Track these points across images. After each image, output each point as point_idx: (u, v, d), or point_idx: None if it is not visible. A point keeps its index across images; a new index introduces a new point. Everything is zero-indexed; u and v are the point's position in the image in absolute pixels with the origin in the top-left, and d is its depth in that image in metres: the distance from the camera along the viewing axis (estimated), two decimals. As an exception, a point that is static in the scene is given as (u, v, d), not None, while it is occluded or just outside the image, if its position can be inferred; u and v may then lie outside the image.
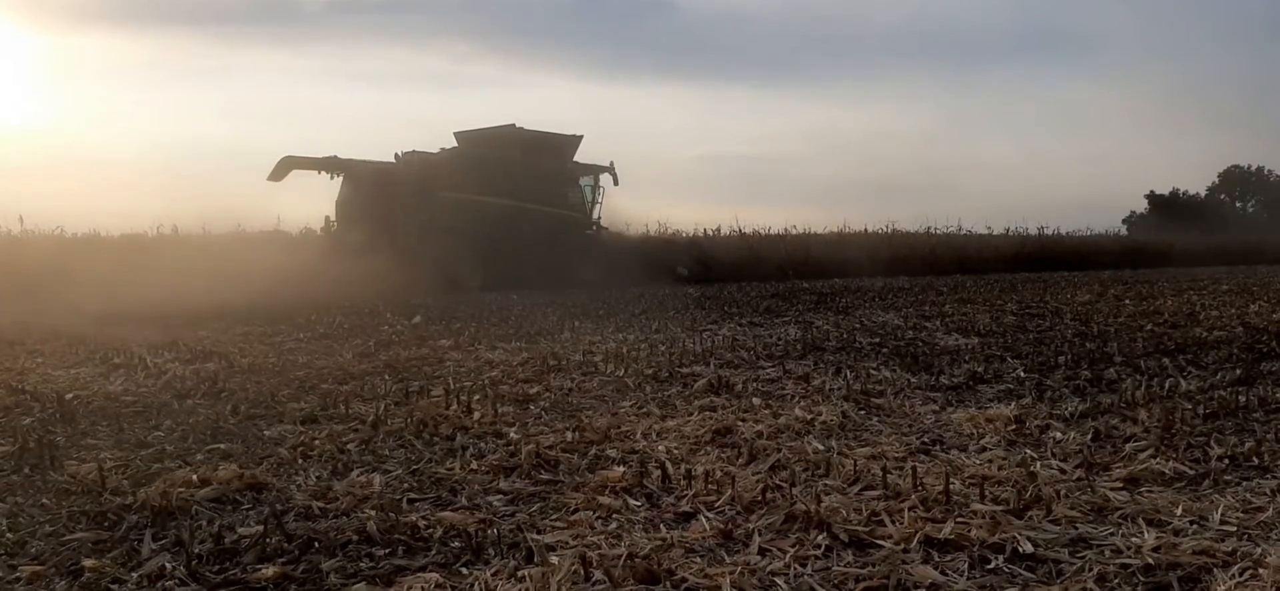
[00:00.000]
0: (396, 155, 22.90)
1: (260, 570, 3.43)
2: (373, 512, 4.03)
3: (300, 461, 5.03)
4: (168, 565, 3.47)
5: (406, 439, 5.50)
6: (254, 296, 16.32)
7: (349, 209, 22.19)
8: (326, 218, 22.82)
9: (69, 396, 6.87)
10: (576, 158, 24.25)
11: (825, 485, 4.41)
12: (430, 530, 3.82)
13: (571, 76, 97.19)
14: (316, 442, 5.40)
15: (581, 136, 23.90)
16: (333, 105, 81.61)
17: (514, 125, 22.80)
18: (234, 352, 9.50)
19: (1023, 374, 7.72)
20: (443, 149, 23.17)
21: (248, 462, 4.96)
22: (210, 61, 75.60)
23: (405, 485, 4.54)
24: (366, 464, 4.96)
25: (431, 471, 4.78)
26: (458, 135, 23.30)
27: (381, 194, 21.67)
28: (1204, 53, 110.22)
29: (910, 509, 3.97)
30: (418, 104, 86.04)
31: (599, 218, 24.80)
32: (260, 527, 3.80)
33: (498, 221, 22.03)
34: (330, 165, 22.12)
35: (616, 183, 24.64)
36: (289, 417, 6.18)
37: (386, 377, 7.93)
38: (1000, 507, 3.98)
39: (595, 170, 24.52)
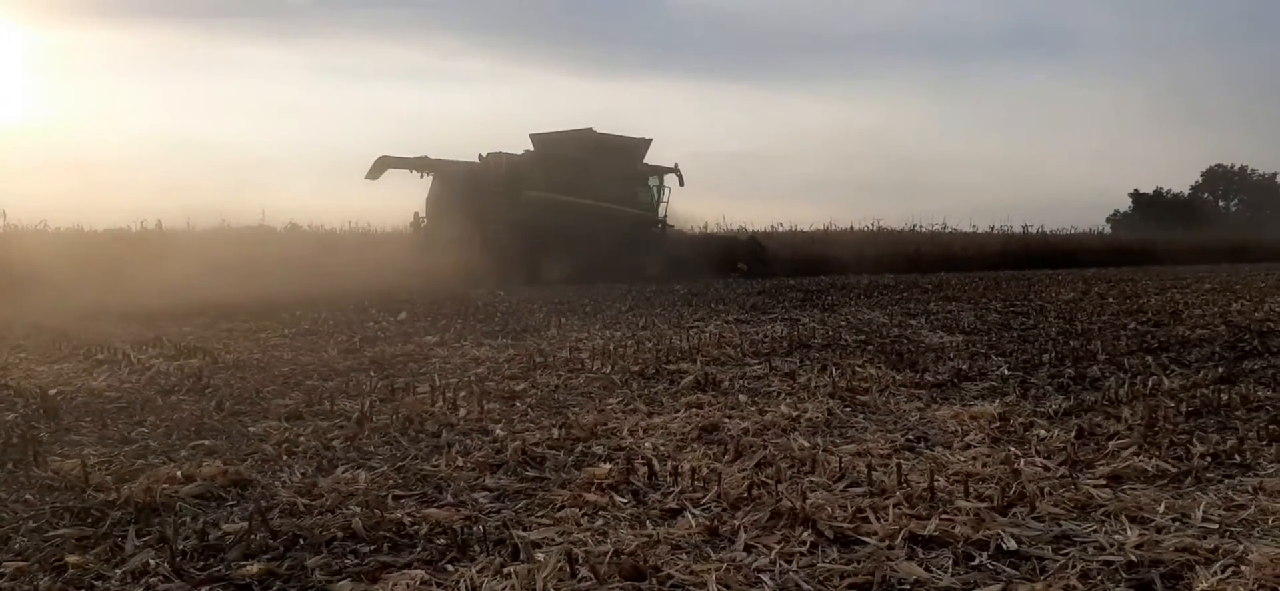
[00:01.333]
0: (480, 156, 24.09)
1: (245, 567, 3.42)
2: (358, 509, 4.02)
3: (285, 458, 5.01)
4: (151, 561, 3.45)
5: (392, 435, 5.48)
6: (239, 292, 16.26)
7: (439, 206, 23.49)
8: (415, 214, 24.20)
9: (52, 392, 6.82)
10: (645, 160, 25.65)
11: (811, 482, 4.42)
12: (416, 527, 3.81)
13: (561, 72, 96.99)
14: (301, 439, 5.38)
15: (650, 140, 25.24)
16: (319, 99, 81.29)
17: (591, 129, 24.19)
18: (218, 348, 9.46)
19: (1007, 371, 7.76)
20: (526, 151, 24.50)
21: (232, 459, 4.94)
22: (196, 56, 75.01)
23: (390, 482, 4.53)
24: (351, 460, 4.95)
25: (417, 468, 4.77)
26: (534, 137, 24.64)
27: (471, 192, 22.92)
28: (1188, 52, 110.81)
29: (895, 505, 3.98)
30: (405, 98, 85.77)
31: (665, 216, 26.15)
32: (245, 524, 3.79)
33: (577, 219, 23.30)
34: (422, 165, 23.40)
35: (682, 183, 25.88)
36: (273, 414, 6.16)
37: (372, 374, 7.90)
38: (984, 504, 4.00)
39: (661, 171, 25.85)
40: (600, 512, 4.02)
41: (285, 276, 18.20)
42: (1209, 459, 4.79)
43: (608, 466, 4.67)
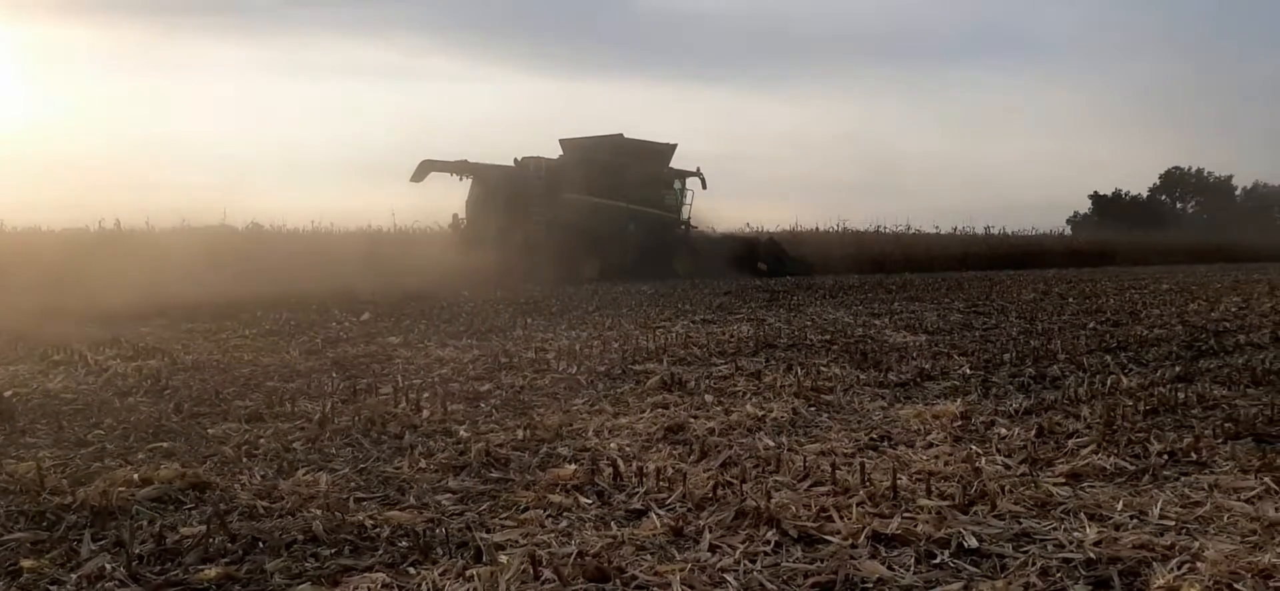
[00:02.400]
0: (515, 160, 25.22)
1: (202, 571, 3.37)
2: (319, 512, 3.98)
3: (244, 460, 4.95)
4: (107, 566, 3.39)
5: (354, 437, 5.44)
6: (204, 293, 16.09)
7: (479, 207, 24.68)
8: (454, 215, 25.45)
9: (7, 393, 6.71)
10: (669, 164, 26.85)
11: (775, 481, 4.44)
12: (377, 529, 3.78)
13: (530, 71, 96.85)
14: (261, 441, 5.32)
15: (675, 145, 26.62)
16: (283, 98, 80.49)
17: (621, 135, 25.56)
18: (178, 350, 9.34)
19: (969, 371, 7.83)
20: (560, 156, 25.81)
21: (190, 461, 4.87)
22: (157, 54, 74.11)
23: (352, 484, 4.49)
24: (313, 462, 4.90)
25: (379, 470, 4.73)
26: (565, 142, 25.97)
27: (511, 195, 24.18)
28: (1147, 55, 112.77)
29: (858, 504, 4.00)
30: (372, 97, 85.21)
31: (689, 217, 27.33)
32: (203, 527, 3.74)
33: (610, 219, 24.89)
34: (462, 169, 24.50)
35: (705, 187, 27.07)
36: (233, 415, 6.09)
37: (334, 375, 7.84)
38: (946, 503, 4.03)
39: (685, 175, 27.03)
40: (564, 514, 4.01)
41: (247, 276, 18.03)
42: (1166, 457, 4.86)
43: (572, 467, 4.65)
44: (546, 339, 10.32)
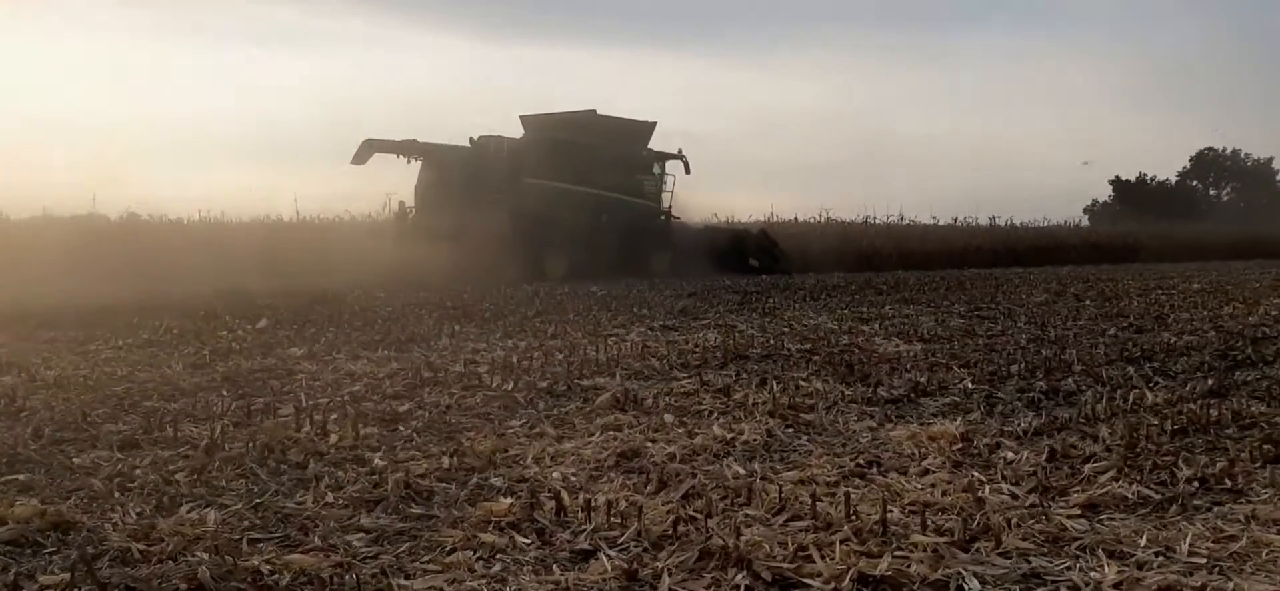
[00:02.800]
0: (471, 140, 25.44)
1: (65, 628, 3.32)
2: (206, 556, 3.93)
3: (117, 495, 4.88)
4: (-51, 624, 3.33)
5: (248, 467, 5.38)
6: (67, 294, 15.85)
7: (430, 194, 24.82)
8: (401, 203, 25.64)
9: None
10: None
11: (746, 515, 4.45)
12: (275, 576, 3.75)
13: (456, 33, 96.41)
14: (138, 472, 5.25)
15: (655, 123, 26.95)
16: (169, 66, 79.31)
17: (594, 111, 25.70)
18: (36, 364, 9.19)
19: (971, 385, 7.92)
20: (523, 135, 25.91)
21: (52, 496, 4.79)
22: (22, 15, 72.69)
23: (246, 522, 4.44)
24: (198, 497, 4.84)
25: (278, 505, 4.69)
26: (526, 119, 26.07)
27: (469, 180, 24.23)
28: (1176, 22, 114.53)
29: (842, 541, 4.03)
30: (273, 66, 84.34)
31: (670, 207, 27.74)
32: (66, 575, 3.68)
33: (582, 209, 24.98)
34: (410, 149, 24.69)
35: (688, 171, 27.50)
36: (104, 442, 6.00)
37: (224, 393, 7.75)
38: (944, 539, 4.07)
39: (665, 158, 27.48)
40: (498, 556, 4.00)
41: (122, 276, 17.81)
42: (1196, 484, 4.94)
43: (508, 501, 4.64)
44: (478, 349, 10.29)
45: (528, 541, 4.16)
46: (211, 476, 5.22)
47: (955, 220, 44.27)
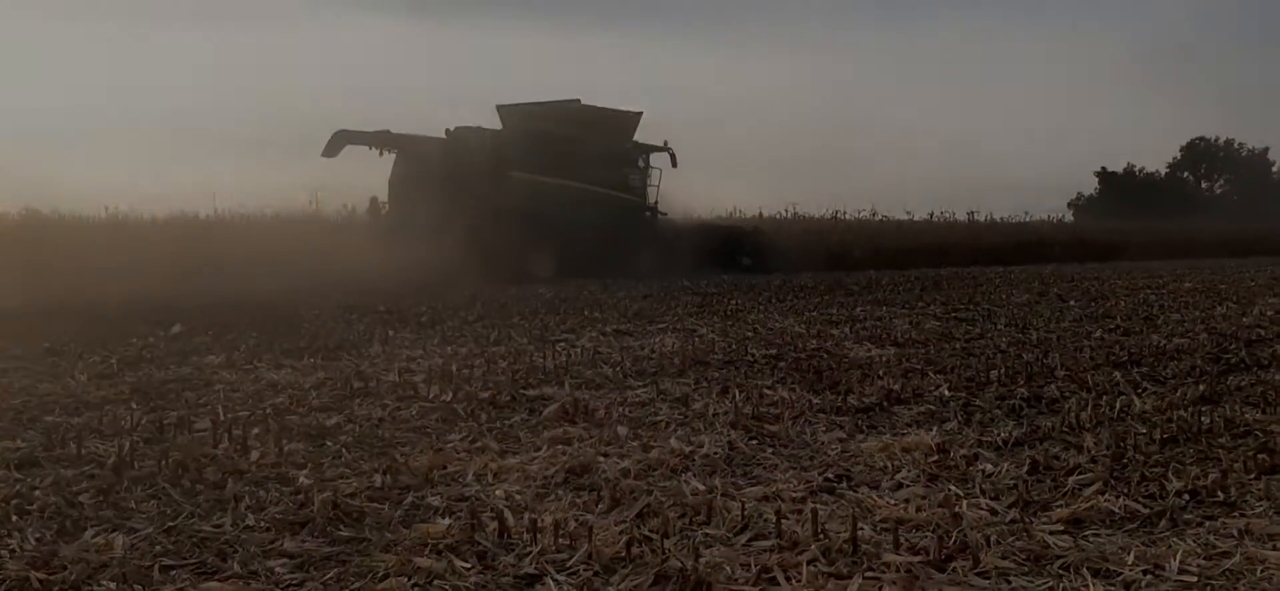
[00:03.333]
0: (447, 131, 25.90)
1: (-45, 666, 3.27)
2: (113, 584, 3.90)
3: (15, 518, 4.82)
4: None
5: (160, 486, 5.33)
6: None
7: (406, 189, 25.07)
8: (373, 198, 25.87)
9: None
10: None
11: (706, 535, 4.46)
12: (190, 606, 3.71)
13: (375, 8, 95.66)
14: (37, 494, 5.18)
15: (641, 113, 27.45)
16: (73, 45, 78.21)
17: (577, 101, 26.23)
18: (-76, 375, 9.05)
19: (947, 392, 7.98)
20: (503, 127, 26.43)
21: (-60, 522, 4.73)
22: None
23: (157, 547, 4.39)
24: (105, 520, 4.79)
25: (193, 529, 4.65)
26: (505, 109, 26.57)
27: (449, 174, 24.28)
28: (1164, 5, 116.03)
29: (810, 562, 4.05)
30: (188, 44, 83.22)
31: (656, 202, 28.40)
32: (-44, 609, 3.63)
33: (568, 205, 25.13)
34: (383, 141, 24.94)
35: (675, 164, 28.19)
36: (0, 460, 5.93)
37: (134, 406, 7.67)
38: (918, 558, 4.10)
39: (650, 149, 28.08)
40: (435, 582, 3.99)
41: (20, 277, 17.59)
42: (1187, 496, 5.01)
43: (446, 522, 4.63)
44: (413, 357, 10.24)
45: (468, 566, 4.15)
46: (119, 497, 5.16)
47: (932, 215, 44.76)
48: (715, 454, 5.98)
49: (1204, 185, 77.75)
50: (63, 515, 4.87)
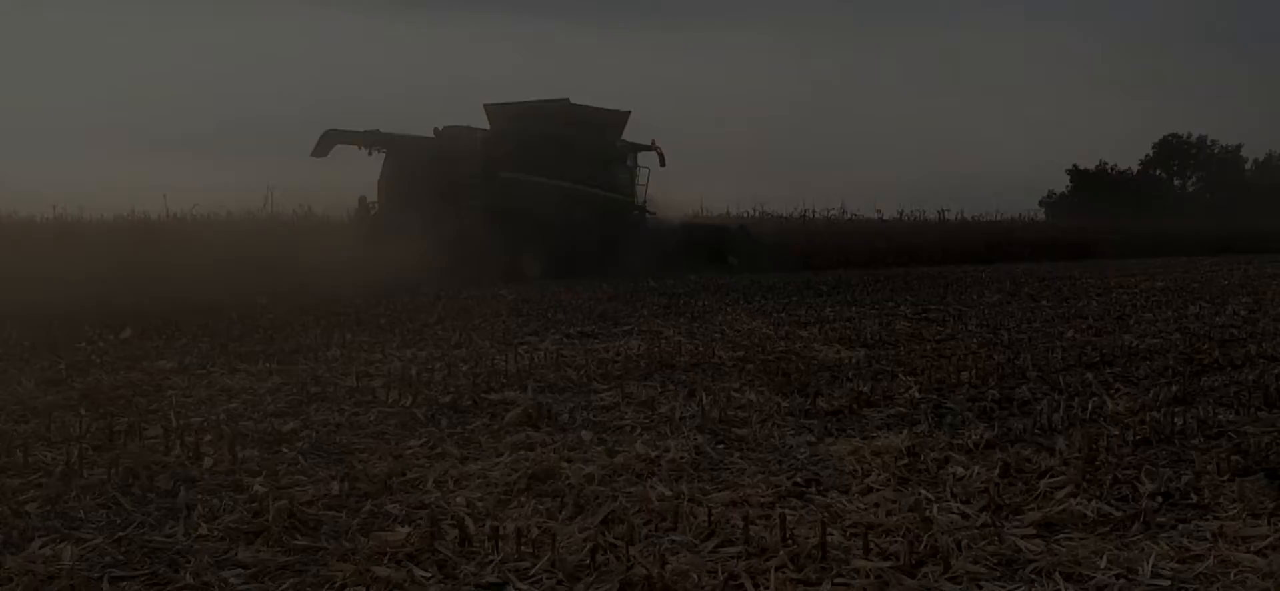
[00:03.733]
0: (435, 131, 26.43)
1: (-105, 683, 3.23)
2: (60, 598, 3.86)
3: (-43, 530, 4.78)
4: None
5: (109, 495, 5.28)
6: None
7: (396, 188, 25.41)
8: (362, 198, 26.33)
9: None
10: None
11: (672, 541, 4.47)
12: (141, 619, 3.68)
13: (358, 9, 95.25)
14: (-19, 503, 5.13)
15: (629, 113, 28.06)
16: (20, 39, 77.39)
17: (567, 100, 26.75)
18: None
19: (917, 394, 8.02)
20: (492, 126, 26.89)
21: (-120, 534, 4.67)
22: None
23: (107, 558, 4.36)
24: (53, 530, 4.75)
25: (144, 539, 4.61)
26: (493, 108, 27.07)
27: (440, 174, 24.93)
28: (1137, 3, 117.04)
29: (778, 568, 4.06)
30: (135, 36, 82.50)
31: (645, 201, 29.08)
32: (-104, 624, 3.59)
33: (558, 205, 25.44)
34: (373, 140, 25.47)
35: (663, 164, 29.06)
36: (-58, 470, 5.87)
37: (83, 412, 7.59)
38: (888, 563, 4.12)
39: (638, 149, 28.78)
40: (395, 591, 3.97)
41: None
42: (1160, 499, 5.06)
43: (406, 530, 4.61)
44: (372, 361, 10.20)
45: (428, 575, 4.13)
46: (68, 506, 5.12)
47: (901, 214, 45.00)
48: (681, 458, 5.98)
49: (1177, 183, 78.53)
50: (9, 525, 4.83)
